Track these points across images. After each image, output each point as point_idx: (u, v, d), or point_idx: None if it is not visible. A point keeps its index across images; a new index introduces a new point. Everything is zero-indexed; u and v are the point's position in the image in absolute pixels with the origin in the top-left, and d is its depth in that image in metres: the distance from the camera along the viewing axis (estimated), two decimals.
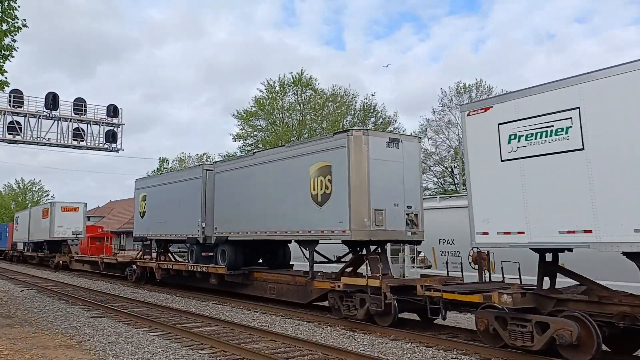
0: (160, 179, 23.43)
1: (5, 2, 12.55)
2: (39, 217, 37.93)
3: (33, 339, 10.83)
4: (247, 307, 15.72)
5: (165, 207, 21.33)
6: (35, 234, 38.84)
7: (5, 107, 24.31)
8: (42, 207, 38.81)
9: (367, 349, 9.91)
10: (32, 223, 39.86)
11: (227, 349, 9.82)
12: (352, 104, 47.03)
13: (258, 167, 16.44)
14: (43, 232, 36.18)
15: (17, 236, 44.94)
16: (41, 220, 37.03)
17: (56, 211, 35.25)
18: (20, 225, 44.03)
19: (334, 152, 13.37)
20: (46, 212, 36.34)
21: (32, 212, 40.87)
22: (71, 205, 36.23)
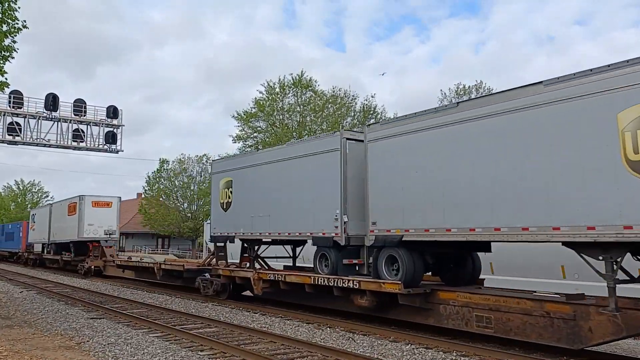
0: (258, 157, 17.02)
1: (6, 3, 12.54)
2: (63, 214, 32.96)
3: (32, 340, 10.82)
4: (246, 309, 15.71)
5: (269, 196, 15.63)
6: (58, 234, 33.80)
7: (5, 108, 24.30)
8: (67, 202, 32.98)
9: (366, 350, 9.90)
10: (55, 221, 34.83)
11: (226, 350, 9.82)
12: (352, 105, 47.05)
13: (479, 123, 10.02)
14: (69, 232, 31.46)
15: (34, 236, 39.74)
16: (66, 218, 32.09)
17: (86, 206, 30.07)
18: (38, 224, 38.88)
19: None
20: (73, 207, 31.17)
21: (55, 209, 35.54)
22: (103, 200, 31.14)
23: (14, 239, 45.61)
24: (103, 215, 30.49)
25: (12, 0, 12.65)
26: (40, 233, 37.81)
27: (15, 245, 45.44)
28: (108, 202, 31.14)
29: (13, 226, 48.66)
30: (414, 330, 11.66)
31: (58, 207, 34.91)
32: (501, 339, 10.10)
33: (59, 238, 33.64)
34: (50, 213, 35.79)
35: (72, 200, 32.05)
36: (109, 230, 30.25)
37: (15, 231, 46.17)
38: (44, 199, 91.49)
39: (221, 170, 18.54)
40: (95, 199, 30.87)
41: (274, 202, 15.44)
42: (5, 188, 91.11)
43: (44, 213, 37.84)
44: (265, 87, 47.64)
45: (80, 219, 30.01)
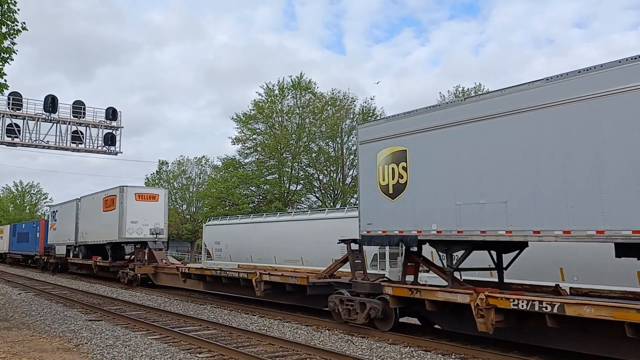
0: (472, 109, 10.22)
1: (5, 4, 12.55)
2: (96, 210, 27.31)
3: (31, 342, 10.80)
4: (245, 311, 15.69)
5: (507, 169, 9.46)
6: (89, 234, 28.21)
7: (4, 109, 24.28)
8: (101, 195, 27.15)
9: (365, 353, 9.89)
10: (84, 218, 29.25)
11: (225, 353, 9.81)
12: (351, 107, 47.12)
13: None
14: (105, 231, 25.83)
15: (55, 237, 33.73)
16: (101, 215, 26.50)
17: (128, 200, 24.52)
18: (61, 223, 32.80)
19: None
20: (111, 201, 25.56)
21: (84, 204, 29.72)
22: (149, 192, 25.73)
23: (29, 240, 40.01)
24: (148, 210, 24.74)
25: (12, 2, 12.67)
26: (63, 233, 32.16)
27: (30, 247, 39.72)
28: (154, 194, 25.41)
29: (28, 226, 42.58)
30: (413, 333, 11.64)
31: (89, 202, 28.91)
32: (501, 342, 10.09)
33: (91, 239, 27.99)
34: (78, 209, 30.19)
35: (109, 192, 26.18)
36: (156, 229, 24.56)
37: (30, 231, 40.31)
38: (43, 200, 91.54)
39: (380, 136, 12.08)
40: (140, 191, 25.30)
41: (521, 180, 9.24)
42: (4, 190, 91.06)
43: (68, 209, 31.71)
44: (264, 89, 47.78)
45: (121, 215, 24.26)
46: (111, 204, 25.58)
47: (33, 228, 39.64)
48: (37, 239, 38.01)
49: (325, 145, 45.90)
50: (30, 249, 39.34)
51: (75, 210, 30.37)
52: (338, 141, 46.22)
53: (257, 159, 47.26)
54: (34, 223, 40.86)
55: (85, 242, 28.84)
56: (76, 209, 30.38)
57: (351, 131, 46.53)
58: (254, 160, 47.49)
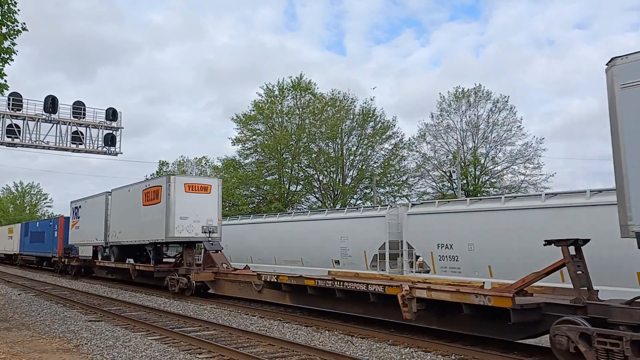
0: None
1: (5, 5, 12.56)
2: (134, 204, 22.93)
3: (30, 342, 10.80)
4: (245, 312, 15.69)
5: None
6: (126, 232, 23.71)
7: (4, 110, 24.30)
8: (141, 187, 22.84)
9: (365, 353, 9.89)
10: (118, 214, 24.91)
11: (225, 354, 9.81)
12: (351, 108, 47.14)
13: None
14: (148, 229, 21.42)
15: (78, 236, 29.35)
16: (141, 209, 22.25)
17: (177, 191, 20.17)
18: (86, 220, 28.52)
19: None
20: (154, 193, 21.18)
21: (117, 197, 25.26)
22: (200, 182, 21.36)
23: (45, 241, 35.63)
24: (200, 204, 20.66)
25: (12, 3, 12.67)
26: (89, 232, 27.86)
27: (46, 248, 35.33)
28: (206, 185, 21.16)
29: (43, 224, 37.86)
30: (413, 333, 11.64)
31: (124, 195, 24.55)
32: (500, 342, 10.09)
33: (127, 238, 23.61)
34: (108, 204, 25.97)
35: (152, 183, 22.30)
36: (209, 227, 20.55)
37: (46, 230, 35.85)
38: (43, 201, 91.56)
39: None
40: (190, 181, 21.25)
41: None
42: (4, 190, 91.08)
43: (96, 205, 27.38)
44: (264, 89, 47.80)
45: (169, 209, 20.05)
46: (154, 196, 21.17)
47: (50, 227, 35.23)
48: (54, 239, 33.83)
49: (325, 146, 45.91)
50: (47, 250, 35.22)
51: (105, 206, 26.01)
52: (338, 142, 46.23)
53: (257, 159, 47.27)
54: (51, 221, 36.17)
55: (119, 242, 24.31)
56: (106, 204, 26.02)
57: (351, 132, 46.58)
58: (253, 161, 47.50)
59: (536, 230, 13.69)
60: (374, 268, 19.10)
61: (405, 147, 47.06)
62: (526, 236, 13.97)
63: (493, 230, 15.13)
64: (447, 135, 46.57)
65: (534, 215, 14.17)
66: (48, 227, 35.72)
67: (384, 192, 46.88)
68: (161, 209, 20.35)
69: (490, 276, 14.58)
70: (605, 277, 11.84)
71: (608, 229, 12.14)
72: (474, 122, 45.68)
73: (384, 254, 18.96)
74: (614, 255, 11.84)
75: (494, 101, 44.96)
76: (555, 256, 12.01)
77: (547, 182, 43.33)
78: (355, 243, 20.15)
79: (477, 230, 15.58)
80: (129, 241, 23.34)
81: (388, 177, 46.47)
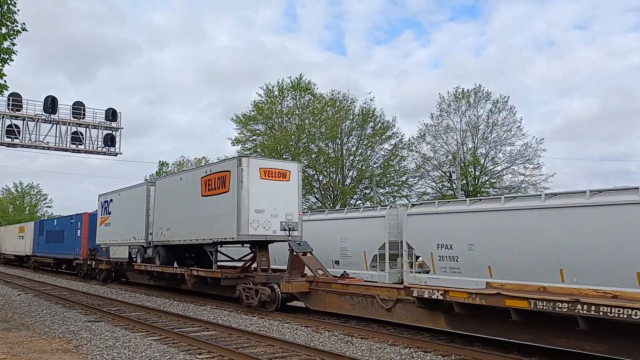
0: None
1: (5, 5, 12.56)
2: (189, 194, 18.52)
3: (30, 343, 10.79)
4: (244, 312, 15.68)
5: None
6: (177, 230, 19.18)
7: (4, 110, 24.31)
8: (199, 173, 18.35)
9: (365, 354, 9.89)
10: (164, 207, 20.32)
11: (224, 354, 9.81)
12: (350, 108, 47.14)
13: None
14: (211, 225, 17.09)
15: (109, 235, 25.03)
16: (200, 201, 17.83)
17: (251, 177, 16.01)
18: (120, 215, 24.23)
19: None
20: (219, 180, 16.85)
21: (163, 186, 21.03)
22: (278, 167, 16.78)
23: (64, 240, 31.80)
24: (278, 194, 16.47)
25: (12, 3, 12.67)
26: (123, 229, 23.68)
27: (66, 248, 31.44)
28: (284, 170, 16.83)
29: (63, 222, 33.65)
30: (412, 333, 11.64)
31: (174, 184, 20.20)
32: (500, 342, 10.09)
33: (179, 237, 19.08)
34: (151, 196, 21.61)
35: (216, 167, 17.56)
36: (289, 223, 16.53)
37: (66, 229, 32.02)
38: (43, 201, 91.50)
39: None
40: (267, 165, 16.69)
41: None
42: (3, 190, 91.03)
43: (133, 197, 23.11)
44: (264, 90, 47.80)
45: (241, 201, 15.72)
46: (219, 184, 16.88)
47: (71, 224, 31.20)
48: (77, 239, 29.85)
49: (324, 146, 45.92)
50: (67, 251, 31.21)
51: (146, 198, 21.81)
52: (338, 142, 46.24)
53: None
54: (72, 218, 31.83)
55: (166, 242, 19.96)
56: (147, 196, 21.77)
57: (351, 132, 46.57)
58: None
59: (536, 231, 13.68)
60: (374, 268, 19.09)
61: (405, 147, 47.09)
62: (526, 236, 13.96)
63: (493, 231, 15.11)
64: (446, 136, 46.64)
65: (533, 216, 14.15)
66: (69, 224, 31.58)
67: (383, 192, 46.90)
68: (230, 200, 16.14)
69: (490, 276, 14.57)
70: (605, 277, 11.85)
71: (608, 229, 12.15)
72: (474, 122, 45.74)
73: (383, 255, 18.93)
74: (614, 255, 11.84)
75: (493, 101, 45.03)
76: (556, 256, 12.02)
77: (546, 182, 43.39)
78: (355, 243, 20.13)
79: (477, 231, 15.56)
80: (182, 240, 19.00)
81: (388, 178, 46.47)
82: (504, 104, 44.70)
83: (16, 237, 43.69)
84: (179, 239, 19.13)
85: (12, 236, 45.84)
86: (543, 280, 13.31)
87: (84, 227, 29.62)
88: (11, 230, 47.24)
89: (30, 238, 39.32)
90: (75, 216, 31.76)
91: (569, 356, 9.11)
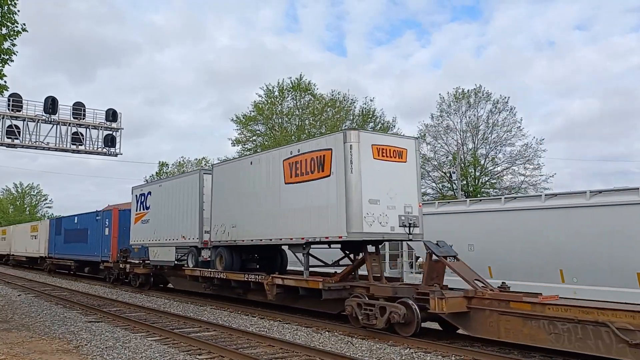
0: None
1: (5, 6, 12.57)
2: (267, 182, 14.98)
3: (30, 343, 10.79)
4: (245, 312, 15.67)
5: None
6: (248, 227, 15.64)
7: (4, 111, 24.33)
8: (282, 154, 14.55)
9: (365, 354, 9.89)
10: (228, 200, 16.72)
11: (224, 354, 9.81)
12: (350, 109, 47.17)
13: None
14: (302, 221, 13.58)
15: (148, 233, 21.40)
16: (281, 190, 14.36)
17: (362, 156, 12.37)
18: (163, 210, 20.53)
19: None
20: (315, 162, 13.25)
21: (222, 174, 17.35)
22: (393, 144, 12.98)
23: (88, 240, 28.16)
24: (393, 180, 12.84)
25: (12, 4, 12.68)
26: (166, 227, 20.14)
27: (90, 250, 27.83)
28: (400, 149, 13.15)
29: (85, 219, 29.53)
30: (413, 334, 11.63)
31: (240, 170, 16.42)
32: (500, 343, 10.08)
33: (251, 235, 15.46)
34: (204, 186, 18.13)
35: (308, 146, 13.77)
36: (409, 217, 12.91)
37: (90, 226, 28.34)
38: (43, 202, 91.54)
39: None
40: (381, 142, 12.88)
41: None
42: (4, 191, 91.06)
43: (182, 188, 19.39)
44: (264, 90, 47.83)
45: (350, 187, 12.26)
46: (314, 167, 13.18)
47: (96, 222, 27.54)
48: (104, 238, 26.21)
49: None
50: (91, 253, 27.65)
51: (198, 189, 18.24)
52: None
53: None
54: (98, 214, 28.05)
55: (234, 242, 16.23)
56: (200, 187, 18.22)
57: None
58: None
59: (536, 231, 13.69)
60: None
61: None
62: (526, 237, 13.97)
63: (493, 231, 15.13)
64: (447, 136, 46.66)
65: (534, 216, 14.17)
66: (93, 222, 27.83)
67: None
68: (333, 188, 12.53)
69: (490, 277, 14.58)
70: (605, 277, 11.86)
71: (608, 229, 12.16)
72: (474, 122, 45.75)
73: (384, 254, 18.94)
74: (614, 255, 11.84)
75: (494, 102, 45.05)
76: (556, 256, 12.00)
77: (547, 182, 43.42)
78: None
79: (477, 231, 15.58)
80: (255, 240, 15.31)
81: None
82: (504, 105, 44.77)
83: (28, 237, 40.27)
84: (251, 239, 15.47)
85: (23, 236, 42.20)
86: (543, 281, 13.33)
87: (113, 225, 25.86)
88: (22, 230, 43.59)
89: (45, 238, 35.83)
90: (101, 212, 28.18)
91: (568, 356, 9.11)
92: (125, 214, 25.14)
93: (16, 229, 45.97)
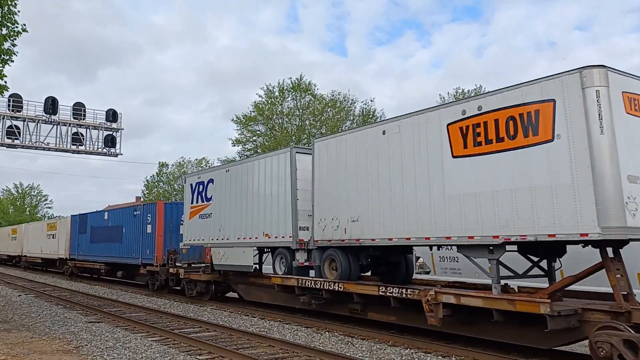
0: None
1: (5, 6, 12.57)
2: (419, 157, 10.65)
3: (30, 344, 10.79)
4: (245, 313, 15.67)
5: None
6: (377, 221, 11.54)
7: (4, 111, 24.34)
8: (437, 115, 10.38)
9: (365, 354, 9.88)
10: (340, 185, 12.67)
11: (224, 354, 9.81)
12: (351, 109, 47.14)
13: None
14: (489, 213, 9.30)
15: (211, 230, 17.65)
16: (443, 166, 10.15)
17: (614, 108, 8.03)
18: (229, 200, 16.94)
19: None
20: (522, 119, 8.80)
21: (328, 150, 13.21)
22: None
23: (123, 240, 24.15)
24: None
25: (12, 4, 12.68)
26: (239, 222, 16.43)
27: (126, 251, 23.83)
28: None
29: (118, 215, 25.67)
30: (413, 334, 11.62)
31: (357, 143, 12.44)
32: (500, 344, 10.07)
33: (384, 233, 11.45)
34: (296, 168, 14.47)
35: (494, 100, 9.41)
36: None
37: (125, 223, 24.32)
38: (43, 202, 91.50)
39: None
40: (633, 86, 8.67)
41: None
42: (4, 191, 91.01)
43: (262, 172, 15.71)
44: (264, 90, 47.80)
45: (601, 158, 8.00)
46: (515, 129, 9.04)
47: (134, 218, 23.37)
48: (146, 237, 22.03)
49: None
50: (128, 254, 23.52)
51: (290, 173, 14.47)
52: None
53: None
54: (136, 209, 23.69)
55: (355, 242, 12.30)
56: (292, 169, 14.45)
57: None
58: None
59: None
60: None
61: None
62: None
63: None
64: None
65: None
66: (130, 218, 23.71)
67: None
68: (560, 158, 8.44)
69: None
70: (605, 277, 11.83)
71: None
72: None
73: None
74: None
75: None
76: None
77: None
78: None
79: None
80: (395, 240, 11.30)
81: None
82: None
83: (44, 237, 36.14)
84: (389, 237, 11.43)
85: (37, 235, 37.84)
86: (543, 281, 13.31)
87: (157, 222, 21.43)
88: (36, 228, 39.18)
89: (66, 237, 31.62)
90: (141, 207, 23.49)
91: (568, 356, 9.10)
92: (173, 207, 21.84)
93: (29, 228, 41.59)
